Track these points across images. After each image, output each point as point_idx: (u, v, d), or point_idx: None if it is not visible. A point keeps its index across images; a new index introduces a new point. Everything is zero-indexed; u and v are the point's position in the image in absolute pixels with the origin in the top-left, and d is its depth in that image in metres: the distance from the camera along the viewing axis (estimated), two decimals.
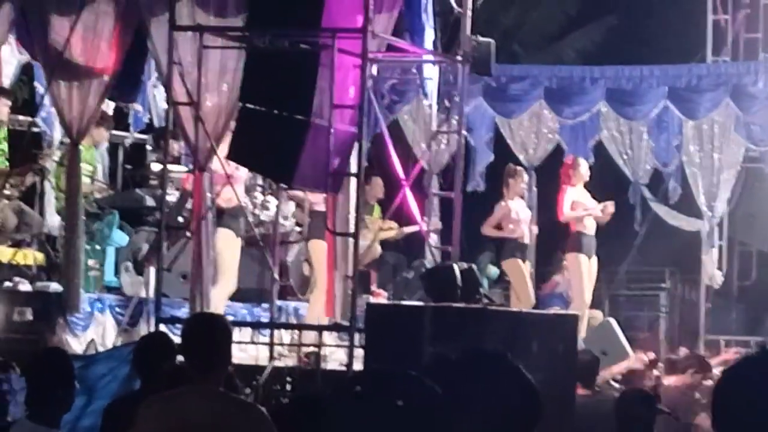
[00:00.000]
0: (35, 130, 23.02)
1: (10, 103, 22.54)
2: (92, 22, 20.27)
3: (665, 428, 19.02)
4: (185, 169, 21.15)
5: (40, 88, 22.17)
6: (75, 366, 13.30)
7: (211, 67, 19.53)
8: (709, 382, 19.76)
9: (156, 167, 22.60)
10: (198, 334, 10.65)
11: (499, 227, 23.09)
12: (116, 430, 10.56)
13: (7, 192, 21.32)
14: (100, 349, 19.24)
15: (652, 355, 22.85)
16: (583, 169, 23.52)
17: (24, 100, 23.22)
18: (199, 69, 19.30)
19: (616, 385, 20.44)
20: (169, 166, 21.38)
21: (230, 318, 20.01)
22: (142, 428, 9.66)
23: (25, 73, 22.86)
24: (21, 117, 23.16)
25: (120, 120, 23.63)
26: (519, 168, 23.86)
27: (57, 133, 21.98)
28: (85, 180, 21.54)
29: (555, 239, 24.89)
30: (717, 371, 20.48)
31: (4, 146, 22.22)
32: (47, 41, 20.47)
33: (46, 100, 21.63)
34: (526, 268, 23.31)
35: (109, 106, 22.11)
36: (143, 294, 21.01)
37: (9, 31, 20.95)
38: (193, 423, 9.33)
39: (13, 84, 22.54)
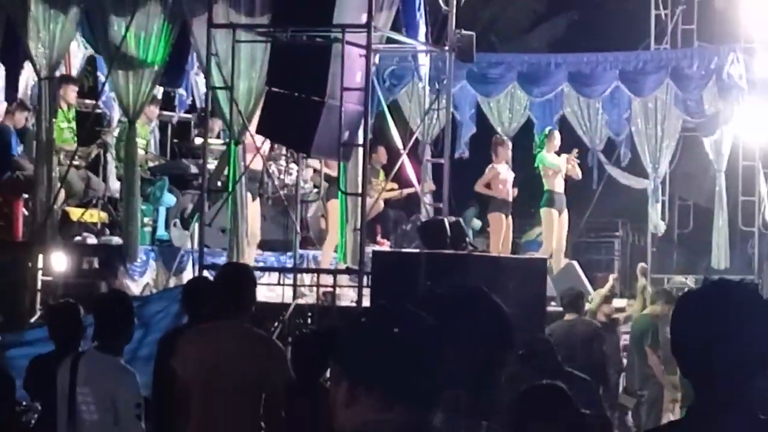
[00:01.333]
0: (98, 111, 22.88)
1: (77, 89, 22.45)
2: (144, 22, 20.17)
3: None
4: (222, 142, 21.04)
5: (101, 76, 22.06)
6: (133, 305, 13.33)
7: (243, 57, 19.43)
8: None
9: (198, 141, 22.54)
10: (228, 281, 11.10)
11: (488, 186, 23.18)
12: (168, 358, 10.62)
13: (76, 163, 21.25)
14: (154, 291, 19.21)
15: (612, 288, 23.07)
16: (557, 140, 23.73)
17: (89, 87, 23.08)
18: (233, 59, 19.20)
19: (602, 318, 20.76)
20: (209, 140, 21.34)
21: (261, 264, 20.50)
22: (185, 356, 10.09)
23: (90, 64, 22.68)
24: (87, 100, 23.02)
25: (168, 102, 23.48)
26: (506, 138, 23.93)
27: (116, 114, 21.89)
28: (140, 152, 21.47)
29: (531, 198, 24.95)
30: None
31: (73, 125, 22.15)
32: (107, 38, 20.38)
33: (107, 87, 21.54)
34: (508, 222, 23.41)
35: (158, 91, 21.97)
36: (189, 245, 20.96)
37: (76, 30, 20.86)
38: (224, 351, 9.99)
39: (80, 73, 22.39)
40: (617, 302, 22.22)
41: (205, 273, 17.65)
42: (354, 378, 4.41)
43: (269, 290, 20.12)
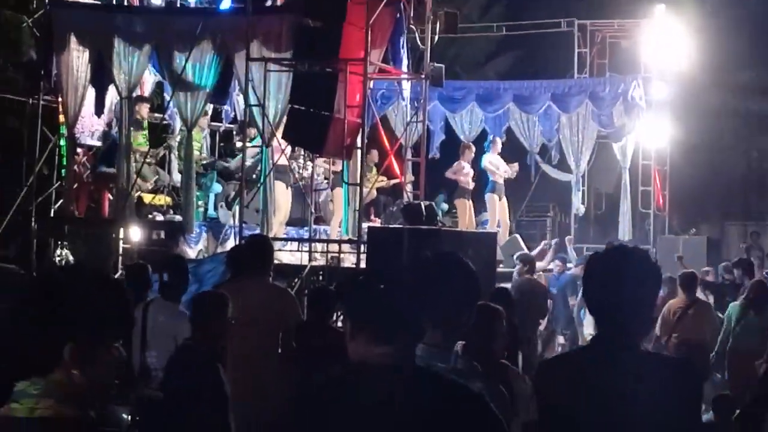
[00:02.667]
0: (165, 122, 22.97)
1: (149, 105, 22.53)
2: (198, 56, 20.24)
3: None
4: (256, 145, 21.10)
5: (167, 96, 22.06)
6: (189, 266, 13.51)
7: (271, 82, 19.51)
8: None
9: (238, 144, 22.61)
10: (254, 248, 11.56)
11: (455, 175, 23.34)
12: None
13: (148, 161, 21.38)
14: (206, 255, 19.32)
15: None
16: (499, 145, 23.81)
17: (158, 104, 23.05)
18: (264, 84, 19.30)
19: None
20: (247, 144, 21.43)
21: (285, 236, 20.59)
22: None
23: (158, 87, 22.70)
24: (156, 114, 23.03)
25: (216, 115, 23.47)
26: (470, 144, 24.06)
27: (178, 124, 21.95)
28: (195, 152, 21.54)
29: (485, 187, 24.97)
30: None
31: (145, 132, 22.21)
32: (171, 67, 20.46)
33: (171, 104, 21.61)
34: (470, 204, 23.50)
35: (209, 107, 22.04)
36: (231, 222, 21.05)
37: (148, 61, 20.91)
38: (250, 301, 10.41)
39: (151, 94, 22.42)
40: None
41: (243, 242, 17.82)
42: (352, 320, 4.59)
43: (291, 255, 20.44)
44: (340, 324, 11.52)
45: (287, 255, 20.49)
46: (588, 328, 19.79)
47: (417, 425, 4.40)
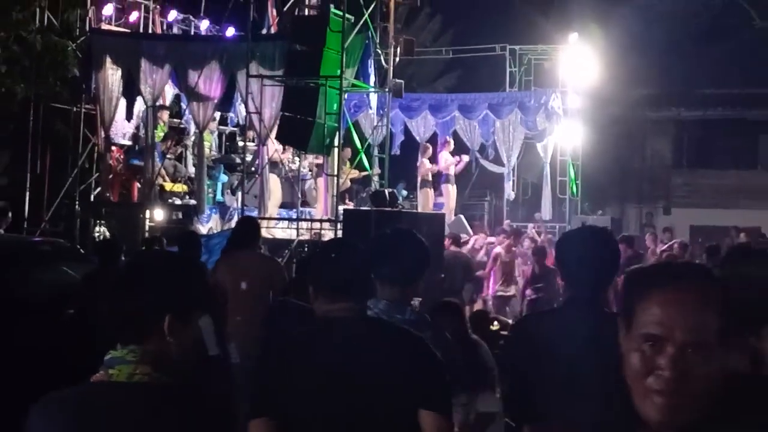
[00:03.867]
0: (181, 126, 22.82)
1: (168, 112, 22.44)
2: (209, 73, 20.17)
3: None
4: (254, 144, 21.04)
5: (183, 105, 21.97)
6: (202, 239, 13.47)
7: (267, 94, 19.42)
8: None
9: (240, 144, 22.51)
10: (243, 226, 11.66)
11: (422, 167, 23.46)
12: (216, 270, 10.72)
13: (168, 156, 21.31)
14: (214, 231, 19.23)
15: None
16: (452, 145, 23.79)
17: (176, 111, 22.86)
18: (261, 95, 19.26)
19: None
20: (247, 143, 21.43)
21: (277, 216, 20.53)
22: (221, 270, 10.48)
23: (176, 97, 22.49)
24: (175, 119, 22.87)
25: (223, 120, 23.34)
26: (428, 144, 24.00)
27: (192, 127, 21.79)
28: (206, 150, 21.47)
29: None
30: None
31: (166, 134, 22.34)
32: (187, 82, 20.35)
33: (186, 111, 21.61)
34: (431, 193, 23.46)
35: (217, 114, 21.92)
36: (235, 205, 20.97)
37: (168, 77, 20.80)
38: (245, 267, 10.50)
39: (171, 102, 22.25)
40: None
41: None
42: (314, 284, 4.80)
43: (282, 231, 20.49)
44: None
45: (279, 231, 20.58)
46: None
47: (371, 363, 4.48)
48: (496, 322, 15.75)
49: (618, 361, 4.32)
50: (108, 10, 23.13)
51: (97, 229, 20.97)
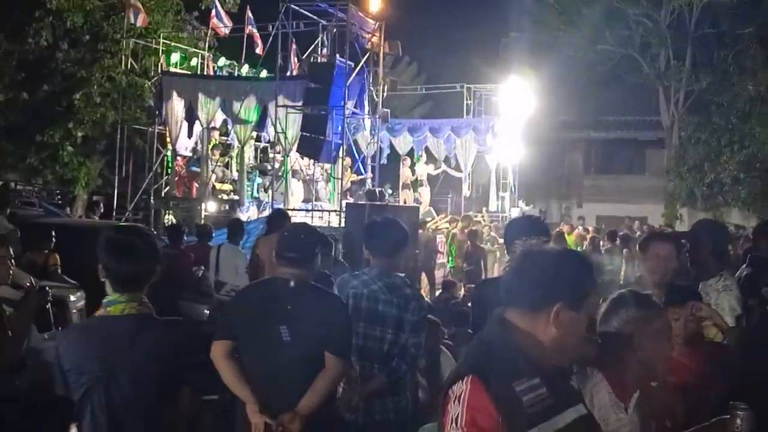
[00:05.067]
0: (228, 142, 22.80)
1: (218, 132, 22.51)
2: (248, 103, 20.15)
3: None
4: (281, 156, 20.96)
5: (230, 127, 21.87)
6: (243, 224, 13.44)
7: (290, 119, 19.35)
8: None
9: (270, 155, 22.44)
10: (277, 215, 11.35)
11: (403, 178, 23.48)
12: (255, 249, 10.60)
13: (218, 164, 21.36)
14: (252, 219, 19.09)
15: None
16: (424, 157, 23.79)
17: (224, 131, 22.75)
18: (286, 120, 19.23)
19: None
20: (276, 155, 21.37)
21: (299, 208, 20.15)
22: (261, 246, 10.05)
23: (224, 122, 22.15)
24: (223, 137, 22.82)
25: (258, 138, 23.19)
26: (406, 157, 23.96)
27: (235, 143, 21.67)
28: (246, 159, 21.50)
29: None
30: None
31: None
32: (232, 110, 20.35)
33: (231, 131, 21.60)
34: (412, 194, 23.45)
35: (254, 133, 21.80)
36: (267, 199, 20.82)
37: (218, 106, 20.71)
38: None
39: (220, 125, 22.11)
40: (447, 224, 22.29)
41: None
42: (276, 252, 4.89)
43: (301, 219, 20.06)
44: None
45: (299, 219, 20.34)
46: None
47: (299, 308, 4.59)
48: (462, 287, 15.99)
49: None
50: (174, 57, 23.16)
51: (166, 217, 20.94)
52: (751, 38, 30.90)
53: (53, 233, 9.55)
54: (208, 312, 10.55)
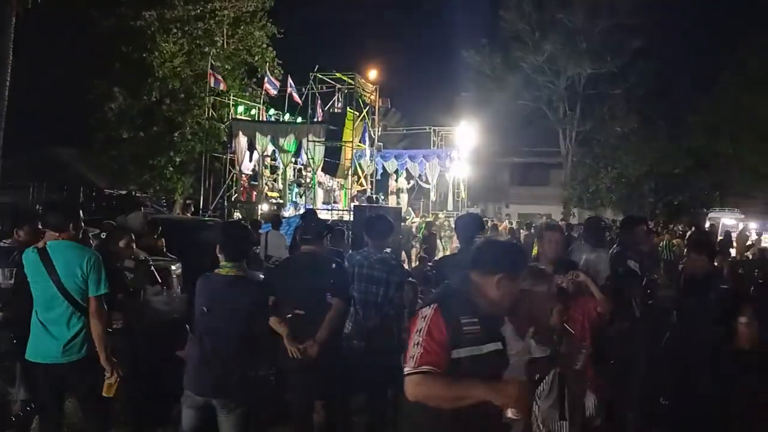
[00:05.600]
0: (273, 163, 22.53)
1: (269, 158, 22.20)
2: (288, 139, 20.03)
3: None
4: (312, 173, 20.85)
5: (277, 154, 21.65)
6: (283, 218, 13.24)
7: (317, 150, 19.30)
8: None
9: (304, 173, 22.24)
10: (309, 212, 11.24)
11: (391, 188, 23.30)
12: (295, 235, 10.02)
13: (270, 180, 21.14)
14: (292, 215, 18.87)
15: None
16: (404, 175, 23.51)
17: (273, 158, 22.50)
18: (314, 149, 19.08)
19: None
20: (308, 174, 21.22)
21: (321, 209, 19.83)
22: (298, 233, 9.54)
23: (273, 152, 21.98)
24: (272, 161, 22.58)
25: (296, 162, 22.98)
26: (394, 174, 23.60)
27: (281, 165, 21.41)
28: (288, 176, 21.25)
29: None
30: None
31: (268, 168, 22.14)
32: (277, 143, 20.20)
33: (277, 157, 21.40)
34: (396, 199, 23.20)
35: (293, 158, 21.59)
36: (302, 202, 20.66)
37: (269, 141, 20.54)
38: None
39: (270, 153, 21.90)
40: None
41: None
42: (299, 237, 4.87)
43: (323, 215, 19.88)
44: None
45: (323, 215, 20.07)
46: None
47: (314, 272, 4.57)
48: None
49: None
50: (240, 108, 23.03)
51: (235, 215, 20.75)
52: (620, 96, 31.12)
53: (160, 225, 9.51)
54: (262, 276, 10.47)
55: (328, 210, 20.03)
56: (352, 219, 16.75)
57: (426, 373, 2.46)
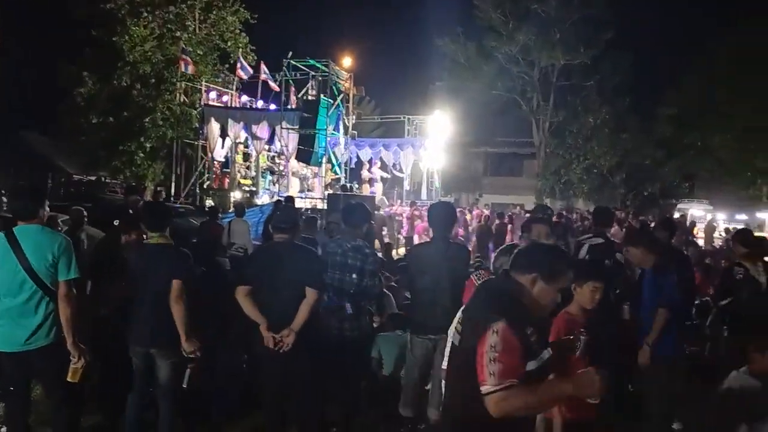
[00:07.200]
0: (248, 152, 22.36)
1: (242, 145, 21.96)
2: (262, 126, 19.87)
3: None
4: (284, 161, 20.71)
5: (249, 141, 21.44)
6: (257, 207, 13.13)
7: (291, 137, 19.16)
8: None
9: (277, 161, 22.12)
10: (282, 206, 10.67)
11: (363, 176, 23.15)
12: (268, 222, 9.85)
13: (242, 166, 20.95)
14: (265, 203, 18.74)
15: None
16: (379, 164, 23.37)
17: (246, 145, 22.33)
18: (288, 138, 18.95)
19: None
20: (281, 161, 21.10)
21: (297, 197, 19.90)
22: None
23: (246, 138, 21.87)
24: (245, 149, 22.39)
25: (269, 148, 22.83)
26: (367, 163, 23.38)
27: (254, 153, 21.26)
28: (261, 163, 21.10)
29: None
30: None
31: (241, 156, 21.90)
32: (251, 130, 20.06)
33: (251, 145, 21.17)
34: (368, 187, 23.02)
35: (266, 146, 21.46)
36: (275, 190, 20.55)
37: (242, 129, 20.39)
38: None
39: (243, 140, 21.73)
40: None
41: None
42: (272, 225, 4.76)
43: (298, 203, 19.81)
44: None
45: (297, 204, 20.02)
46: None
47: (286, 260, 4.53)
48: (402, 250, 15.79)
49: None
50: (212, 94, 22.80)
51: (207, 201, 20.58)
52: (592, 88, 31.40)
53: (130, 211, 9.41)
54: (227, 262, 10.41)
55: (302, 198, 19.95)
56: (326, 207, 16.74)
57: (510, 387, 2.44)
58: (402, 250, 16.11)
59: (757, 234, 6.93)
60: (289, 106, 21.58)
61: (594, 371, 2.56)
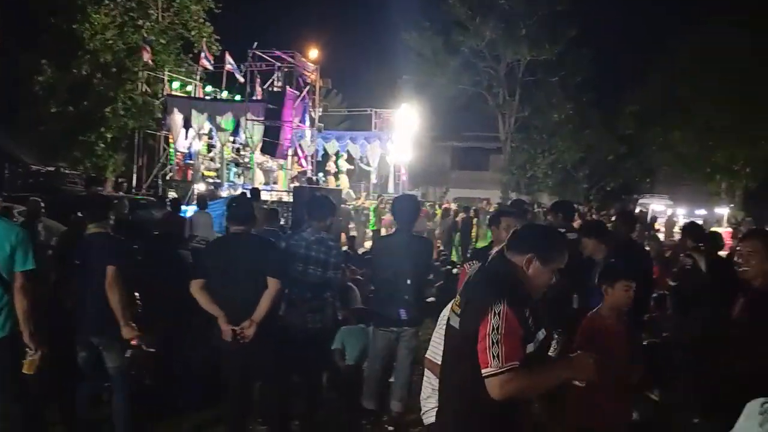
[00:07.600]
0: (212, 143, 22.10)
1: (206, 136, 21.63)
2: (227, 118, 19.79)
3: None
4: (249, 153, 20.53)
5: (214, 133, 21.19)
6: (221, 199, 12.99)
7: (256, 129, 19.08)
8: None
9: (242, 152, 21.91)
10: (236, 199, 10.57)
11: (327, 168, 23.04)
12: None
13: (205, 157, 20.69)
14: (230, 195, 18.60)
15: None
16: (345, 156, 23.31)
17: (210, 136, 22.06)
18: (253, 129, 18.83)
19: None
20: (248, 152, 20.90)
21: (262, 189, 19.79)
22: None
23: (210, 130, 21.65)
24: (210, 140, 22.12)
25: (234, 140, 22.63)
26: (333, 156, 23.22)
27: (218, 144, 20.98)
28: (225, 155, 20.83)
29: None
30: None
31: (206, 146, 21.67)
32: (216, 122, 19.85)
33: (215, 136, 20.87)
34: (332, 179, 23.03)
35: (231, 137, 21.23)
36: (240, 182, 20.39)
37: (206, 120, 20.12)
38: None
39: (207, 131, 21.48)
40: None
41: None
42: (228, 217, 4.72)
43: (263, 196, 19.66)
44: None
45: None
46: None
47: (246, 252, 4.52)
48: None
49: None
50: (175, 84, 22.50)
51: (170, 193, 20.24)
52: (557, 84, 31.75)
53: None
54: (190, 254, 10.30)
55: (267, 191, 19.88)
56: (291, 200, 16.67)
57: (512, 369, 2.46)
58: (369, 243, 16.12)
59: (714, 229, 7.31)
60: (254, 98, 21.43)
61: (587, 355, 2.63)
